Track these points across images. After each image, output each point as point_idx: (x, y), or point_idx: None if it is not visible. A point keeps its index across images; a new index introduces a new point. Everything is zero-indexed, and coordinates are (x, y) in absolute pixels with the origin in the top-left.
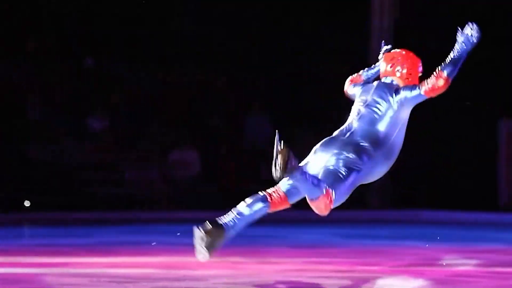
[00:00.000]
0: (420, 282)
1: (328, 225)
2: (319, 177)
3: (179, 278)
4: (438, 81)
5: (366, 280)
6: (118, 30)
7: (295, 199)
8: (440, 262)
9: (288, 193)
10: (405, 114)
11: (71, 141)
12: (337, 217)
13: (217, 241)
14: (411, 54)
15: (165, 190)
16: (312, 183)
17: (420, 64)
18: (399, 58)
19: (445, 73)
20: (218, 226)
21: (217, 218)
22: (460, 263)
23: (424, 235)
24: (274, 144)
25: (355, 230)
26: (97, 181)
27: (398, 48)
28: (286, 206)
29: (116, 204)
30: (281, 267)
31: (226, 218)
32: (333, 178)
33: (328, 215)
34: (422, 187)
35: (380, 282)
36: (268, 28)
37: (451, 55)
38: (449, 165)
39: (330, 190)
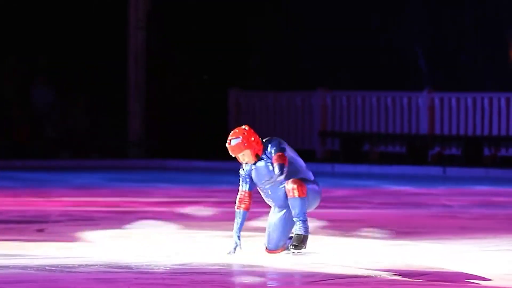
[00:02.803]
0: (169, 215)
1: (97, 171)
2: None
3: None
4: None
5: (129, 213)
6: None
7: None
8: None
9: None
10: None
11: None
12: (102, 165)
13: None
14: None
15: None
16: None
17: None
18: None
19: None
20: None
21: None
22: (197, 201)
23: (170, 179)
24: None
25: (118, 175)
26: None
27: None
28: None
29: None
30: (63, 203)
31: None
32: None
33: (94, 162)
34: (168, 142)
35: (139, 215)
36: (54, 13)
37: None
38: (190, 126)
39: None
